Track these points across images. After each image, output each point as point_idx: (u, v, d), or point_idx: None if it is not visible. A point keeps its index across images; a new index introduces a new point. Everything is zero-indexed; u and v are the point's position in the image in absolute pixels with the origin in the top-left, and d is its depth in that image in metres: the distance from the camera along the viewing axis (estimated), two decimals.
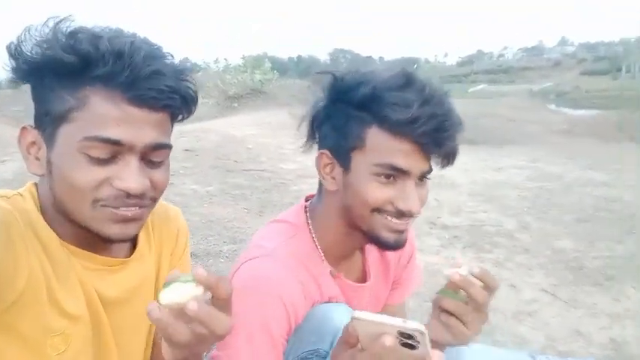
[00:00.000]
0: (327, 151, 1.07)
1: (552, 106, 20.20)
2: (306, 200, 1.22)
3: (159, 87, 0.77)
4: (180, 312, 0.65)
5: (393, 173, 1.00)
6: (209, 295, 0.68)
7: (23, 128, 0.82)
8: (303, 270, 1.09)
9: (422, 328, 0.74)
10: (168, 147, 0.85)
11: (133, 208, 0.82)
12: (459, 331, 0.93)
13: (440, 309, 0.95)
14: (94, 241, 0.86)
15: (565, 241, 4.04)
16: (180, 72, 0.82)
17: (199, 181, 4.87)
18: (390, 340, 0.74)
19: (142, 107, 0.77)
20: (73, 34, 0.76)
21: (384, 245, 1.07)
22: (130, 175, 0.78)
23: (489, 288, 0.92)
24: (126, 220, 0.82)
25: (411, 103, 0.95)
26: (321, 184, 1.14)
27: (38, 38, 0.76)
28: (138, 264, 0.97)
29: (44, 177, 0.82)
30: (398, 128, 0.97)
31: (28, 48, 0.76)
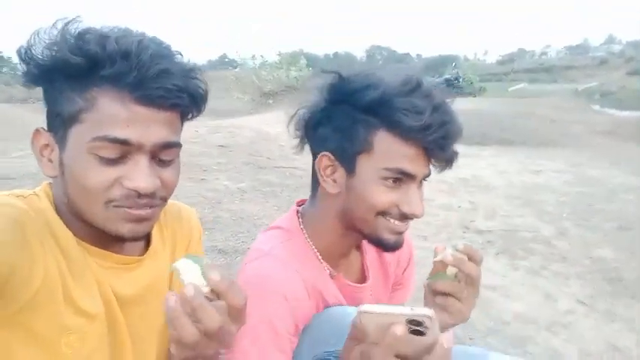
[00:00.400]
0: (328, 154, 1.06)
1: (597, 107, 19.47)
2: (298, 205, 1.22)
3: (166, 86, 0.77)
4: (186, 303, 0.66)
5: (400, 177, 1.01)
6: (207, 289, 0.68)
7: (36, 131, 0.83)
8: (302, 268, 1.08)
9: (430, 313, 0.73)
10: (177, 145, 0.84)
11: (145, 209, 0.82)
12: (456, 309, 0.98)
13: (434, 293, 0.99)
14: (107, 239, 0.86)
15: (605, 250, 3.89)
16: (189, 70, 0.82)
17: (232, 177, 4.91)
18: (400, 330, 0.72)
19: (149, 106, 0.77)
20: (81, 35, 0.76)
21: (384, 246, 1.09)
22: (139, 175, 0.78)
23: (476, 261, 0.96)
24: (138, 220, 0.82)
25: (422, 110, 0.96)
26: (315, 187, 1.14)
27: (47, 41, 0.76)
28: (152, 262, 0.97)
29: (58, 178, 0.83)
30: (409, 134, 0.98)
31: (38, 51, 0.77)
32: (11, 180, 4.02)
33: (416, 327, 0.73)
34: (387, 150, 1.00)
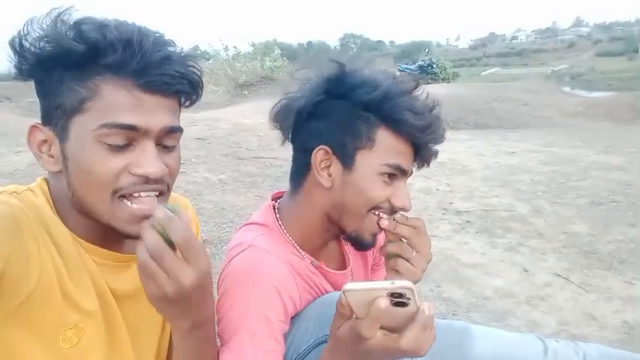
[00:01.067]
0: (326, 147, 1.07)
1: (567, 89, 19.86)
2: (273, 199, 1.23)
3: (170, 72, 0.77)
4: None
5: (395, 173, 1.07)
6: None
7: (33, 127, 0.81)
8: (284, 256, 1.10)
9: (409, 284, 0.77)
10: (180, 130, 0.85)
11: (152, 193, 0.82)
12: (407, 270, 1.06)
13: (386, 257, 1.11)
14: (108, 236, 0.86)
15: (579, 226, 4.01)
16: (187, 57, 0.83)
17: (212, 169, 4.90)
18: (383, 302, 0.77)
19: (154, 93, 0.78)
20: (78, 23, 0.75)
21: (361, 245, 1.15)
22: (148, 160, 0.79)
23: (416, 226, 1.08)
24: (145, 218, 0.81)
25: (422, 110, 1.05)
26: (300, 179, 1.14)
27: (42, 31, 0.75)
28: None
29: (60, 173, 0.81)
30: (409, 132, 1.04)
31: (32, 42, 0.76)
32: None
33: (398, 299, 0.78)
34: (388, 146, 1.05)
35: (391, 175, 1.06)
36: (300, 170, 1.13)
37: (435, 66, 20.65)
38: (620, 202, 4.54)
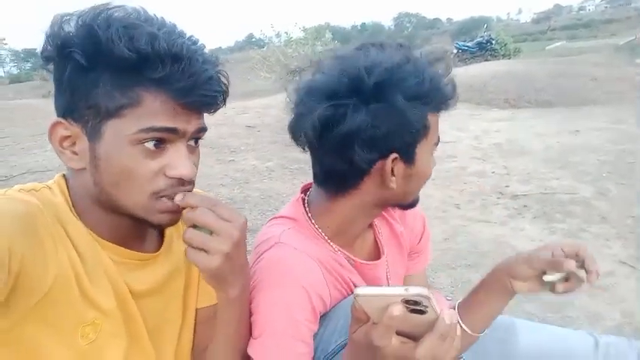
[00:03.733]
0: (396, 155, 1.00)
1: None
2: (302, 192, 1.18)
3: (211, 94, 0.80)
4: None
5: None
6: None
7: (57, 122, 0.79)
8: (314, 252, 1.06)
9: (425, 292, 0.70)
10: (206, 129, 0.88)
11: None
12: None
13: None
14: (129, 234, 0.88)
15: None
16: (221, 69, 0.84)
17: (260, 156, 4.93)
18: (397, 309, 0.71)
19: (193, 109, 0.81)
20: (129, 28, 0.73)
21: (410, 206, 1.16)
22: (182, 163, 0.80)
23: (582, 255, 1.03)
24: (177, 210, 0.83)
25: (454, 83, 1.05)
26: (341, 187, 1.06)
27: (88, 29, 0.73)
28: (167, 256, 0.98)
29: (83, 170, 0.81)
30: (447, 106, 1.05)
31: (76, 39, 0.74)
32: (49, 172, 4.15)
33: (414, 306, 0.71)
34: (435, 127, 1.04)
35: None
36: (350, 180, 1.05)
37: (494, 42, 19.79)
38: None
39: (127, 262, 0.89)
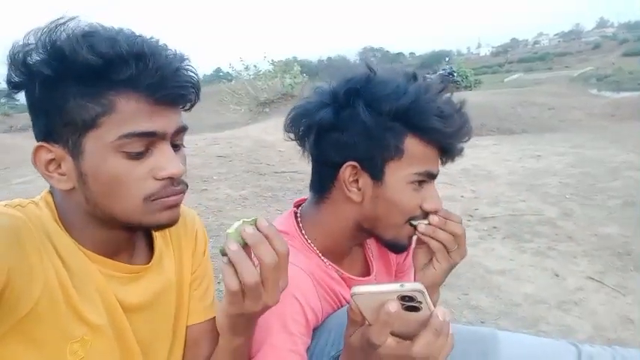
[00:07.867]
0: (354, 163, 1.03)
1: (594, 91, 19.44)
2: (296, 206, 1.20)
3: (182, 84, 0.79)
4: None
5: (426, 179, 1.04)
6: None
7: (39, 147, 0.78)
8: (306, 265, 1.07)
9: (420, 286, 0.73)
10: (187, 129, 0.87)
11: (179, 194, 0.84)
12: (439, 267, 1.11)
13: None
14: (120, 247, 0.87)
15: (611, 227, 3.86)
16: (188, 63, 0.83)
17: (233, 185, 4.91)
18: (393, 306, 0.73)
19: (168, 104, 0.79)
20: (87, 36, 0.73)
21: (398, 249, 1.13)
22: (169, 162, 0.80)
23: (454, 234, 1.06)
24: (174, 206, 0.83)
25: (450, 114, 1.01)
26: (324, 192, 1.10)
27: (48, 44, 0.73)
28: (158, 269, 0.96)
29: (74, 190, 0.80)
30: (438, 138, 1.01)
31: (36, 55, 0.73)
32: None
33: (409, 303, 0.74)
34: (417, 154, 1.01)
35: (421, 182, 1.04)
36: (325, 183, 1.09)
37: (455, 74, 20.51)
38: None
39: (118, 276, 0.87)
